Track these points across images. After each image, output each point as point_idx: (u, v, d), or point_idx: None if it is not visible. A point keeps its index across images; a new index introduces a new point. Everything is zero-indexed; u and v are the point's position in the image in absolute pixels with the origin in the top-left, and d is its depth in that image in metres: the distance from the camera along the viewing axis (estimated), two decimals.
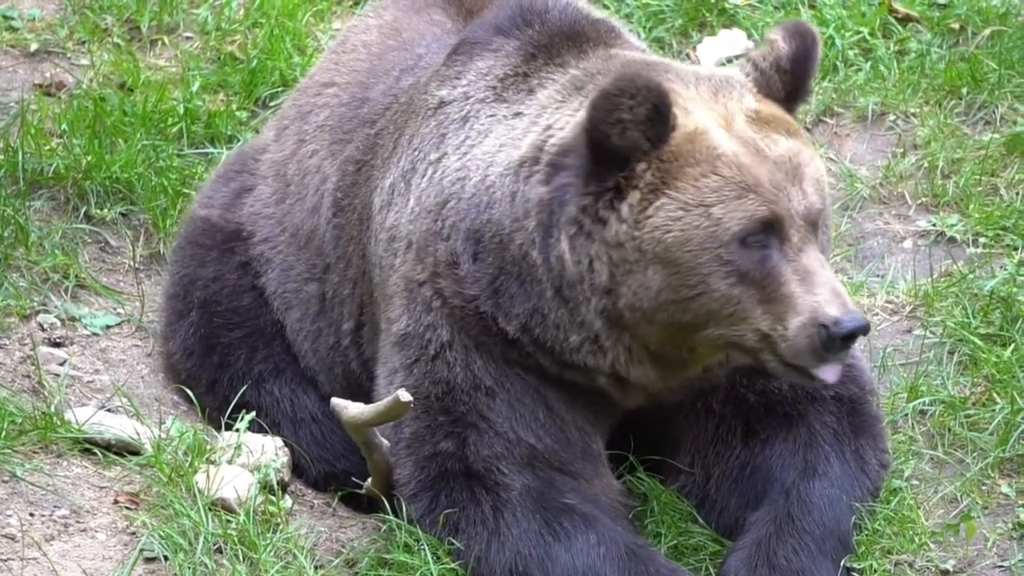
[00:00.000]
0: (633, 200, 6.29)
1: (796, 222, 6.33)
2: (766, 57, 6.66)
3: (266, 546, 6.55)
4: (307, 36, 9.85)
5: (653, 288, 6.31)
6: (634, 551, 6.45)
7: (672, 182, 6.27)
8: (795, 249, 6.31)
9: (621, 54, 6.77)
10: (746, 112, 6.48)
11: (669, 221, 6.27)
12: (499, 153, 6.60)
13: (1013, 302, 7.79)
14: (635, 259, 6.31)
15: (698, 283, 6.29)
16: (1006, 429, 7.19)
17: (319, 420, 7.46)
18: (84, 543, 6.53)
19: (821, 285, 6.28)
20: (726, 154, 6.30)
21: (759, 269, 6.29)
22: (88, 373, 7.67)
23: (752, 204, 6.27)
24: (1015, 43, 9.45)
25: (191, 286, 7.68)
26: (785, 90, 6.64)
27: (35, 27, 9.79)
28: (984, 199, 8.64)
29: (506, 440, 6.60)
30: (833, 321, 6.21)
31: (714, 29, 10.07)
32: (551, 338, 6.52)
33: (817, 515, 6.53)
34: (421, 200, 6.72)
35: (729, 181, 6.28)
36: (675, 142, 6.30)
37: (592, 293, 6.39)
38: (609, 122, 6.23)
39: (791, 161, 6.39)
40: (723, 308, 6.31)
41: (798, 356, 6.29)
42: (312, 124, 7.58)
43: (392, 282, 6.78)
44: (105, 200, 8.58)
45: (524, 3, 6.94)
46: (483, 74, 6.82)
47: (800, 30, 6.70)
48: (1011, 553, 6.80)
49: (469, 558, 6.53)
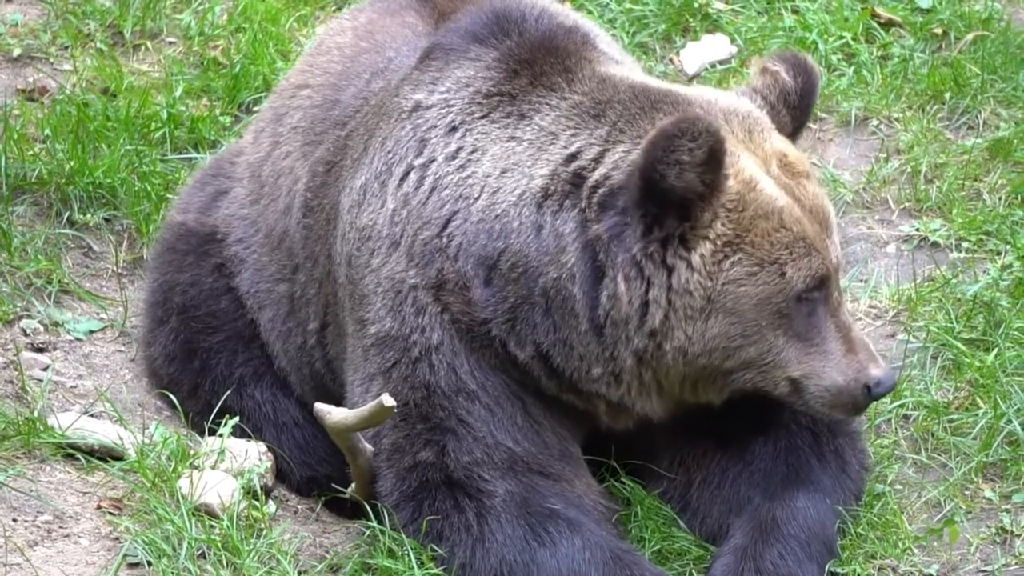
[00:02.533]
0: (705, 251, 6.35)
1: (835, 276, 6.53)
2: (771, 90, 6.73)
3: (250, 551, 6.55)
4: (290, 41, 9.84)
5: (708, 335, 6.42)
6: (619, 556, 6.45)
7: (746, 235, 6.36)
8: (835, 304, 6.54)
9: (617, 76, 6.71)
10: (777, 155, 6.55)
11: (745, 276, 6.37)
12: (504, 178, 6.59)
13: (996, 307, 7.80)
14: (700, 307, 6.39)
15: (753, 333, 6.43)
16: (989, 434, 7.20)
17: (301, 424, 7.45)
18: (67, 548, 6.52)
19: (859, 343, 6.55)
20: (785, 208, 6.41)
21: (806, 323, 6.47)
22: (71, 378, 7.66)
23: (816, 262, 6.43)
24: (998, 48, 9.47)
25: (170, 292, 7.68)
26: (793, 125, 6.73)
27: (18, 32, 9.77)
28: (967, 204, 8.66)
29: (485, 445, 6.60)
30: (876, 383, 6.52)
31: (697, 34, 10.08)
32: (571, 368, 6.57)
33: (802, 519, 6.54)
34: (410, 203, 6.70)
35: (797, 237, 6.40)
36: (735, 190, 6.35)
37: (636, 333, 6.44)
38: (667, 162, 6.24)
39: (823, 210, 6.55)
40: (765, 356, 6.48)
41: (833, 409, 6.56)
42: (286, 126, 7.59)
43: (368, 282, 6.76)
44: (88, 205, 8.57)
45: (499, 9, 6.92)
46: (464, 84, 6.79)
47: (804, 64, 6.77)
48: (994, 557, 6.81)
49: (454, 565, 6.52)
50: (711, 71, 9.88)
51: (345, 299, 6.94)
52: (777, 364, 6.49)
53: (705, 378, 6.52)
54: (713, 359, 6.46)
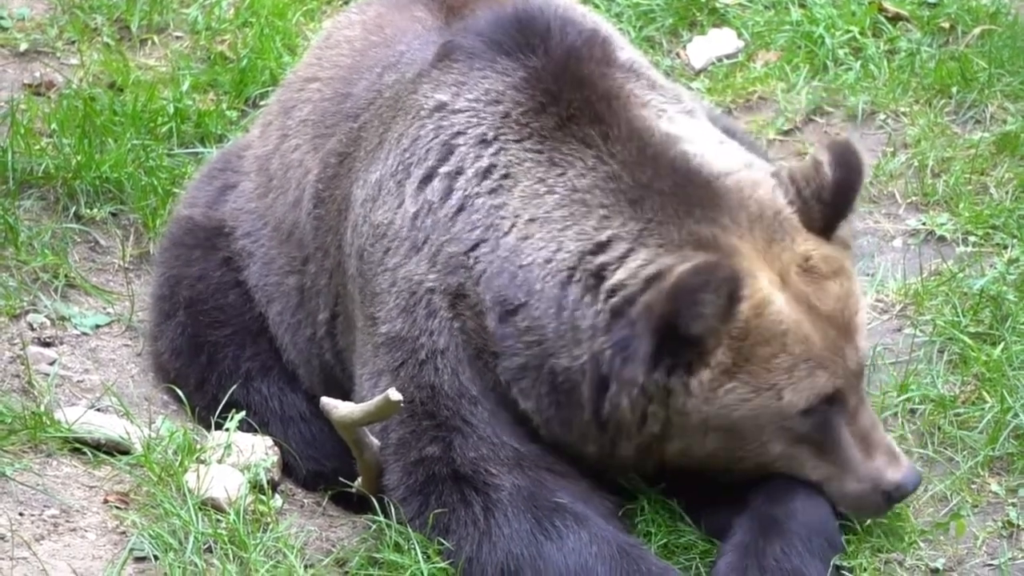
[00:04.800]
0: (704, 378, 6.32)
1: (852, 384, 6.47)
2: (810, 183, 6.56)
3: (256, 545, 6.54)
4: (297, 35, 9.84)
5: (708, 448, 6.46)
6: (626, 549, 6.45)
7: (745, 364, 6.32)
8: (852, 412, 6.49)
9: (655, 139, 6.61)
10: (798, 262, 6.47)
11: (739, 401, 6.35)
12: (533, 227, 6.52)
13: (1003, 301, 7.79)
14: (696, 426, 6.39)
15: (756, 446, 6.45)
16: (996, 428, 7.19)
17: (308, 419, 7.45)
18: (74, 543, 6.52)
19: (878, 447, 6.53)
20: (792, 329, 6.34)
21: (818, 431, 6.47)
22: (78, 373, 7.66)
23: (820, 381, 6.38)
24: (1005, 42, 9.46)
25: (177, 286, 7.68)
26: (823, 222, 6.57)
27: (24, 27, 9.78)
28: (974, 198, 8.65)
29: (490, 443, 6.60)
30: (895, 487, 6.54)
31: (704, 28, 10.08)
32: (569, 439, 6.60)
33: (801, 517, 6.53)
34: (435, 213, 6.66)
35: (798, 359, 6.35)
36: (744, 317, 6.29)
37: (636, 435, 6.48)
38: (690, 315, 6.20)
39: (843, 315, 6.47)
40: (776, 462, 6.52)
41: (856, 512, 6.63)
42: (295, 119, 7.58)
43: (381, 280, 6.75)
44: (95, 200, 8.57)
45: (521, 16, 6.87)
46: (493, 99, 6.73)
47: (848, 159, 6.57)
48: (1001, 551, 6.80)
49: (460, 559, 6.52)
50: (718, 65, 9.88)
51: (355, 292, 6.94)
52: (792, 468, 6.53)
53: (715, 470, 6.60)
54: (718, 463, 6.52)
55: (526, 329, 6.50)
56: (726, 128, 8.04)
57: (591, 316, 6.40)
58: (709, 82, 9.80)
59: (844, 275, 6.54)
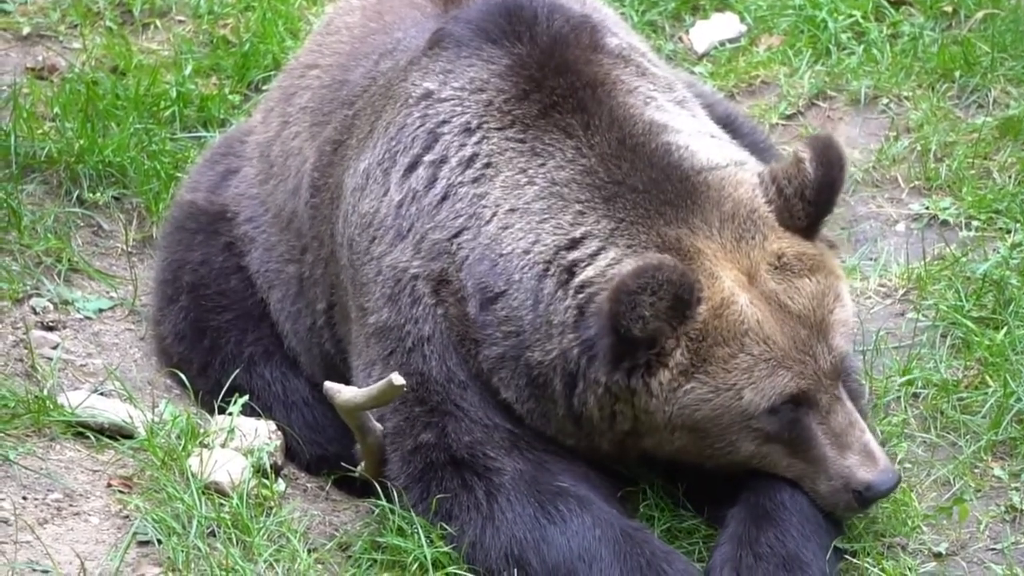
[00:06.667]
0: (663, 379, 6.32)
1: (823, 383, 6.42)
2: (791, 181, 6.51)
3: (259, 529, 6.55)
4: (300, 19, 9.84)
5: (677, 444, 6.47)
6: (629, 533, 6.46)
7: (702, 365, 6.31)
8: (824, 411, 6.44)
9: (638, 129, 6.59)
10: (769, 260, 6.43)
11: (699, 402, 6.33)
12: (513, 218, 6.54)
13: (1006, 285, 7.79)
14: (663, 425, 6.39)
15: (725, 445, 6.44)
16: (999, 412, 7.20)
17: (311, 403, 7.46)
18: (77, 526, 6.53)
19: (851, 447, 6.45)
20: (752, 329, 6.31)
21: (789, 430, 6.45)
22: (81, 357, 7.66)
23: (782, 380, 6.35)
24: (1008, 26, 9.45)
25: (180, 270, 7.68)
26: (807, 220, 6.53)
27: (27, 10, 9.78)
28: (977, 182, 8.65)
29: (483, 426, 6.62)
30: (866, 487, 6.44)
31: (707, 12, 10.07)
32: (549, 431, 6.62)
33: (791, 504, 6.52)
34: (419, 202, 6.67)
35: (758, 359, 6.32)
36: (702, 319, 6.29)
37: (609, 431, 6.50)
38: (631, 317, 6.19)
39: (815, 313, 6.42)
40: (750, 460, 6.51)
41: (831, 509, 6.54)
42: (295, 106, 7.58)
43: (368, 270, 6.76)
44: (98, 184, 8.57)
45: (510, 4, 6.86)
46: (478, 87, 6.75)
47: (829, 155, 6.50)
48: (1004, 536, 6.81)
49: (464, 544, 6.53)
50: (720, 49, 9.88)
51: (347, 282, 6.95)
52: (767, 466, 6.52)
53: (696, 465, 6.61)
54: (694, 458, 6.53)
55: (505, 319, 6.51)
56: (727, 113, 8.06)
57: (562, 312, 6.40)
58: (712, 66, 9.80)
59: (822, 272, 6.47)
